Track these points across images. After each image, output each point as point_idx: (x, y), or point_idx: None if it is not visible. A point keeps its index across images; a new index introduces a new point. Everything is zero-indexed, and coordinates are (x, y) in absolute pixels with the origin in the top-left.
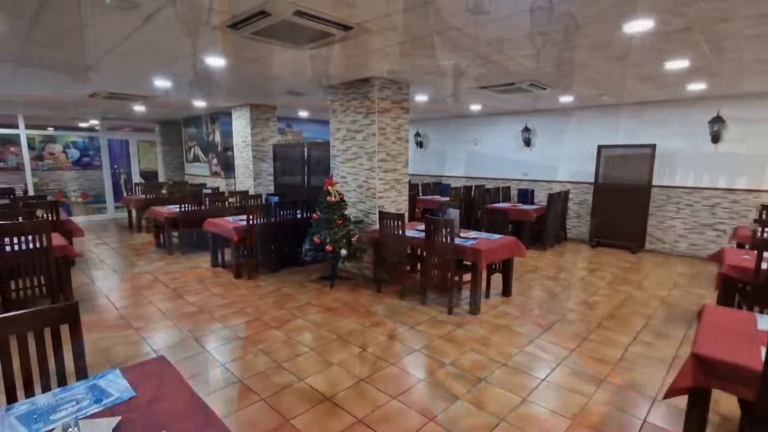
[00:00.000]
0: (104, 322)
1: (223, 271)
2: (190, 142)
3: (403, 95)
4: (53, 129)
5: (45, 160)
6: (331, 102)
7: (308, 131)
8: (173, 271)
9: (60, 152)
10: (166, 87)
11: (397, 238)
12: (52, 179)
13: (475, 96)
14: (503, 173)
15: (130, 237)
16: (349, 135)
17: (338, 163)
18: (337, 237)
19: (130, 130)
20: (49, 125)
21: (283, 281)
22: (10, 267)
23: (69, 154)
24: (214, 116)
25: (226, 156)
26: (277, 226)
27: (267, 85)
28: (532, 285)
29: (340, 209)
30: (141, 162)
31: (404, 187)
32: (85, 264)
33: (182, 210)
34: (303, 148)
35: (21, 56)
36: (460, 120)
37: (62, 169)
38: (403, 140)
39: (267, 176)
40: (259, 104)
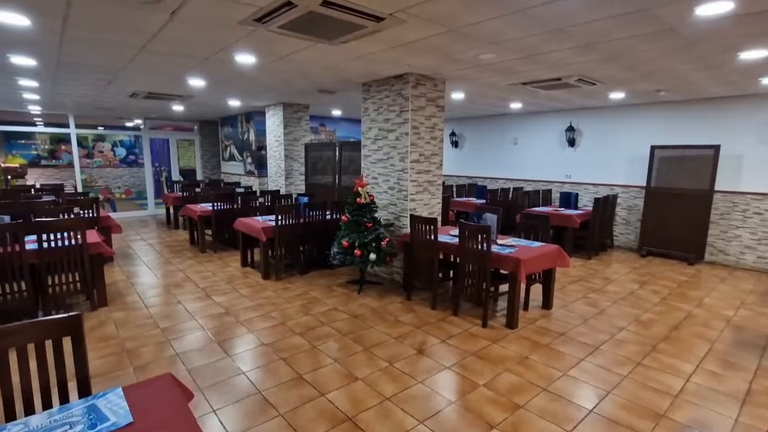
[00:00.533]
0: (133, 321)
1: (252, 271)
2: (226, 141)
3: (439, 92)
4: (103, 128)
5: (95, 158)
6: (364, 100)
7: (342, 130)
8: (204, 270)
9: (108, 150)
10: (200, 86)
11: (428, 243)
12: (101, 176)
13: (516, 93)
14: (544, 175)
15: (167, 234)
16: (381, 134)
17: (369, 163)
18: (366, 240)
19: (171, 130)
20: (99, 125)
21: (311, 284)
22: (47, 263)
23: (116, 152)
24: (249, 115)
25: (259, 155)
26: (306, 227)
27: (298, 83)
28: (575, 297)
29: (369, 212)
30: (180, 160)
31: (438, 189)
32: (122, 259)
33: (215, 208)
34: (334, 147)
35: (60, 55)
36: (498, 119)
37: (110, 166)
38: (437, 140)
39: (299, 175)
40: (291, 103)
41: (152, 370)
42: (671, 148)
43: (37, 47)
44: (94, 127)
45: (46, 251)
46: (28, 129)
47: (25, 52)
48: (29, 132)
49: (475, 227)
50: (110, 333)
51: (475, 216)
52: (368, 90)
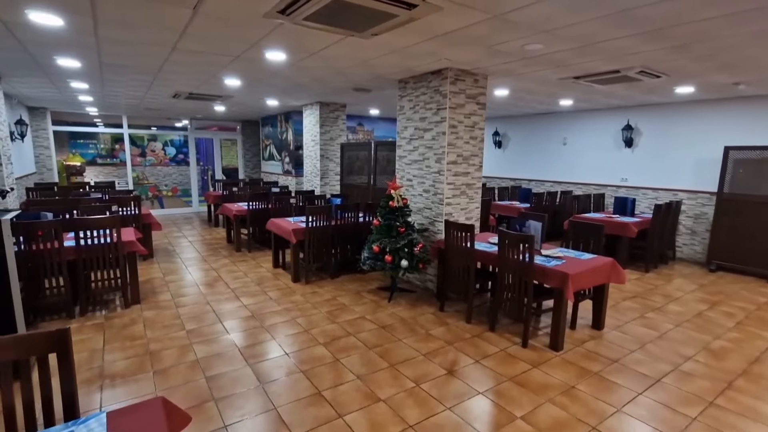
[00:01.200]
0: (161, 321)
1: (283, 272)
2: (266, 140)
3: (479, 89)
4: (155, 128)
5: (148, 157)
6: (399, 98)
7: (380, 130)
8: (236, 270)
9: (160, 150)
10: (236, 86)
11: (464, 251)
12: (152, 174)
13: (567, 89)
14: (596, 178)
15: (207, 231)
16: (417, 134)
17: (404, 164)
18: (398, 246)
19: (216, 129)
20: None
21: (340, 289)
22: (84, 260)
23: (167, 151)
24: (288, 115)
25: (297, 154)
26: (337, 229)
27: (333, 81)
28: (631, 317)
29: (402, 215)
30: (223, 159)
31: (476, 192)
32: (162, 255)
33: (250, 208)
34: (370, 147)
35: (100, 56)
36: (545, 117)
37: (161, 164)
38: (477, 140)
39: (334, 176)
40: (328, 102)
41: (171, 377)
42: (750, 149)
43: (77, 48)
44: (148, 127)
45: (83, 248)
46: (84, 129)
47: (69, 54)
48: (90, 132)
49: (517, 236)
50: (138, 333)
51: (518, 223)
52: (404, 87)
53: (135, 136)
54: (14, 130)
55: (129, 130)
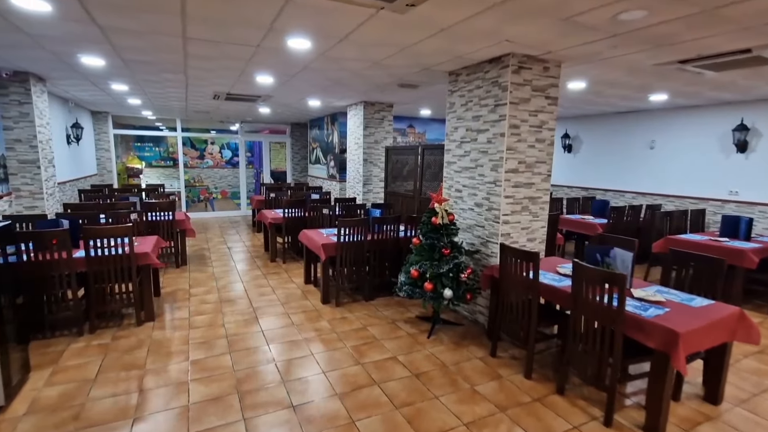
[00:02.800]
0: (168, 346)
1: (314, 290)
2: (313, 143)
3: (550, 79)
4: (215, 132)
5: (205, 159)
6: (450, 93)
7: (432, 132)
8: (264, 285)
9: (217, 152)
10: (269, 83)
11: (525, 284)
12: (209, 176)
13: (664, 78)
14: (693, 190)
15: (248, 237)
16: (469, 136)
17: (453, 171)
18: (441, 272)
19: (267, 132)
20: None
21: (374, 316)
22: (94, 272)
23: (223, 154)
24: (334, 116)
25: (342, 158)
26: (374, 245)
27: (373, 75)
28: (760, 385)
29: (447, 234)
30: (272, 162)
31: (543, 208)
32: (195, 262)
33: (285, 216)
34: (417, 151)
35: (116, 50)
36: (628, 116)
37: (217, 167)
38: (545, 143)
39: (378, 182)
40: (373, 102)
41: (152, 429)
42: None
43: (93, 43)
44: (207, 131)
45: (93, 259)
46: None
47: (90, 51)
48: (150, 136)
49: (600, 273)
50: (139, 361)
51: (598, 251)
52: (455, 81)
53: (195, 140)
54: (70, 133)
55: (187, 133)
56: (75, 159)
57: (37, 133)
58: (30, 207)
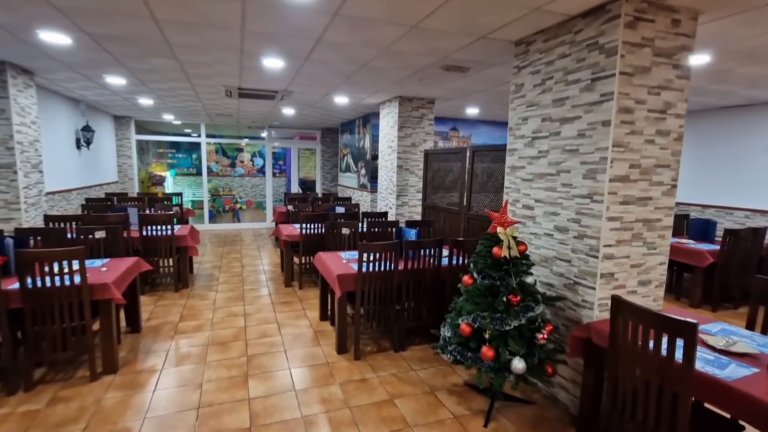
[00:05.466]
0: (117, 419)
1: (330, 330)
2: (344, 149)
3: (681, 39)
4: (247, 139)
5: (237, 167)
6: (516, 71)
7: (480, 136)
8: (270, 320)
9: (248, 160)
10: (279, 68)
11: (662, 369)
12: (240, 185)
13: None
14: None
15: (268, 253)
16: (547, 128)
17: (519, 180)
18: (507, 329)
19: (298, 139)
20: (244, 136)
21: (405, 379)
22: (33, 308)
23: (255, 162)
24: (366, 118)
25: (374, 165)
26: (409, 276)
27: (409, 52)
28: None
29: (517, 273)
30: (302, 171)
31: (663, 236)
32: (200, 284)
33: (303, 232)
34: (464, 155)
35: (90, 38)
36: (734, 112)
37: (249, 175)
38: (670, 137)
39: (414, 193)
40: (410, 96)
41: None
42: None
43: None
44: (239, 137)
45: (30, 292)
46: (164, 138)
47: (49, 26)
48: (182, 142)
49: None
50: None
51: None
52: (525, 52)
53: (227, 147)
54: (80, 137)
55: (214, 139)
56: (87, 165)
57: (15, 132)
58: (5, 219)
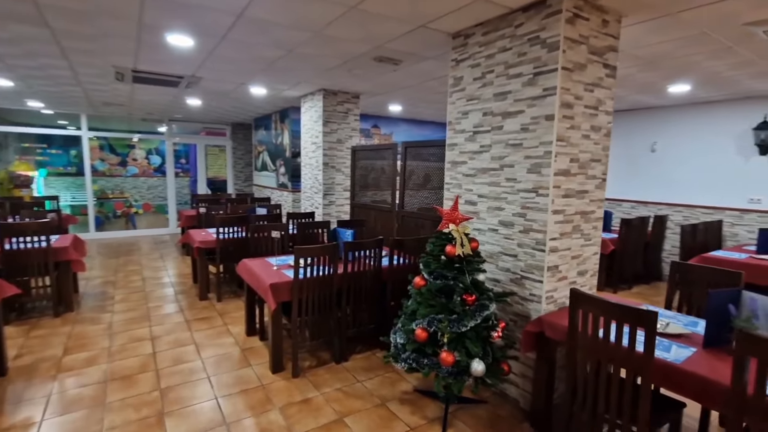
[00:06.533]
0: None
1: (261, 347)
2: (259, 146)
3: (609, 39)
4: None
5: (129, 167)
6: (454, 64)
7: (400, 134)
8: (186, 342)
9: (143, 158)
10: (188, 47)
11: (623, 360)
12: (135, 186)
13: (725, 53)
14: (705, 198)
15: (175, 263)
16: (489, 122)
17: (461, 176)
18: (465, 330)
19: (204, 135)
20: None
21: (352, 393)
22: None
23: (151, 160)
24: (284, 113)
25: (294, 163)
26: (349, 280)
27: (340, 37)
28: None
29: (471, 270)
30: (210, 170)
31: (596, 227)
32: (90, 305)
33: (219, 237)
34: (395, 151)
35: None
36: (624, 116)
37: (145, 175)
38: (601, 133)
39: (342, 191)
40: (335, 90)
41: None
42: None
43: None
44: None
45: None
46: (31, 130)
47: None
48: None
49: None
50: None
51: (728, 299)
52: (464, 45)
53: (115, 143)
54: None
55: (105, 133)
56: None
57: None
58: None
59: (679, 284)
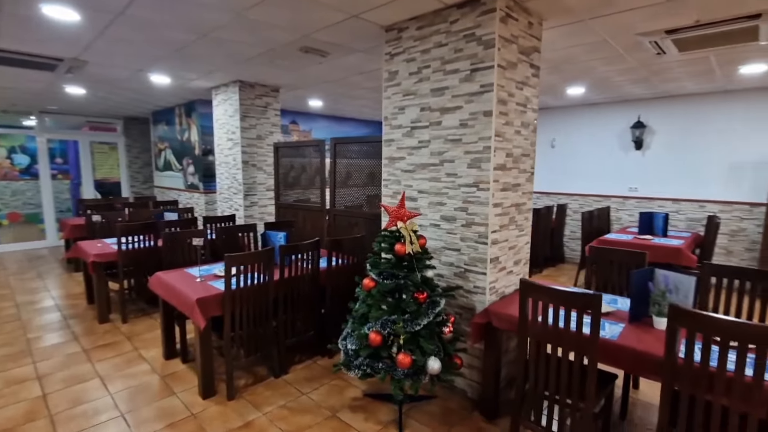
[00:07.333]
0: None
1: (185, 371)
2: (161, 144)
3: (534, 40)
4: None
5: None
6: (389, 58)
7: (320, 131)
8: (88, 375)
9: (3, 158)
10: (74, 25)
11: (572, 343)
12: None
13: (617, 60)
14: (594, 187)
15: (60, 283)
16: (426, 117)
17: (400, 172)
18: (419, 329)
19: (88, 130)
20: None
21: (298, 407)
22: None
23: (15, 160)
24: (190, 107)
25: (206, 162)
26: (285, 286)
27: (262, 21)
28: None
29: (421, 268)
30: (98, 170)
31: (527, 218)
32: None
33: (122, 248)
34: (323, 148)
35: None
36: None
37: (7, 179)
38: (530, 129)
39: (265, 191)
40: (253, 83)
41: None
42: None
43: None
44: None
45: None
46: None
47: None
48: None
49: (753, 330)
50: None
51: (646, 277)
52: (397, 39)
53: None
54: None
55: None
56: None
57: None
58: None
59: (594, 265)
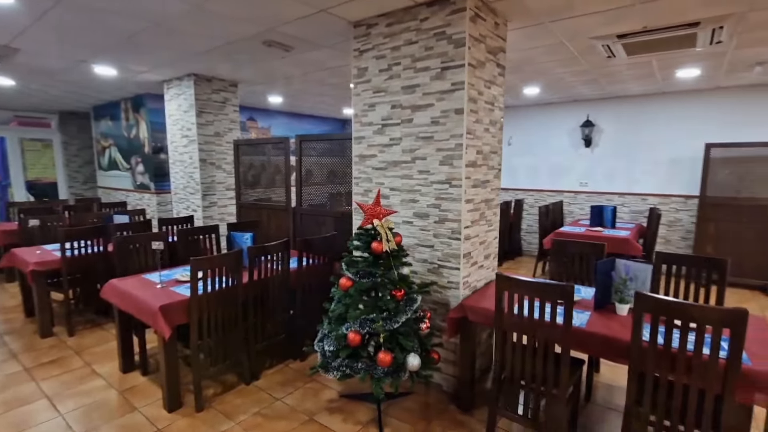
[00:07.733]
0: None
1: (146, 384)
2: (104, 141)
3: (500, 41)
4: None
5: None
6: (357, 54)
7: (278, 128)
8: (30, 399)
9: None
10: (6, 8)
11: (547, 328)
12: None
13: (571, 61)
14: (548, 183)
15: None
16: (398, 115)
17: (371, 169)
18: (398, 327)
19: (16, 125)
20: None
21: (273, 414)
22: None
23: None
24: (138, 100)
25: (157, 160)
26: (254, 289)
27: (224, 12)
28: None
29: (398, 264)
30: (30, 170)
31: (496, 213)
32: None
33: (67, 255)
34: (288, 145)
35: None
36: None
37: None
38: (497, 127)
39: (224, 191)
40: (210, 77)
41: None
42: (738, 146)
43: None
44: None
45: None
46: None
47: None
48: None
49: (714, 312)
50: None
51: (609, 267)
52: (366, 35)
53: None
54: None
55: None
56: None
57: None
58: None
59: (557, 256)
